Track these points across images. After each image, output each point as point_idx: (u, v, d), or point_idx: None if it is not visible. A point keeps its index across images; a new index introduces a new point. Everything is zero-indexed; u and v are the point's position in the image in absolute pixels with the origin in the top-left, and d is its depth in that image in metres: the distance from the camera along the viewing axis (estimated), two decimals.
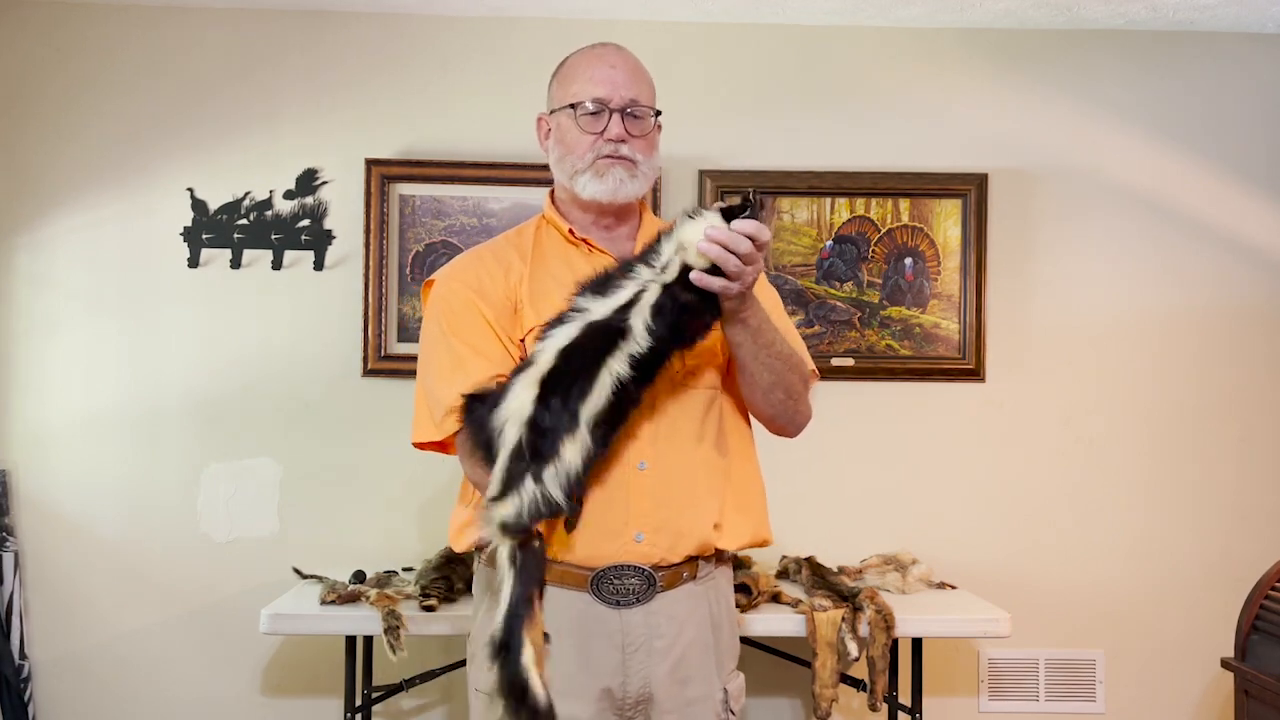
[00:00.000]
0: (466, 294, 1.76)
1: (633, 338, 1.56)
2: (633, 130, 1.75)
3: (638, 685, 1.71)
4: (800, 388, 1.80)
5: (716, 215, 1.55)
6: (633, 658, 1.71)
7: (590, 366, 1.56)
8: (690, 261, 1.54)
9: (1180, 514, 3.20)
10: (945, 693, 3.16)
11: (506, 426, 1.56)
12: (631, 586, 1.70)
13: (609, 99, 1.74)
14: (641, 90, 1.78)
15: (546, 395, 1.55)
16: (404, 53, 3.15)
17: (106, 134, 3.11)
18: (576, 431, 1.55)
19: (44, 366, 3.09)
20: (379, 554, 3.06)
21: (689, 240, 1.54)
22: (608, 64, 1.77)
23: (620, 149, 1.74)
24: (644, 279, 1.58)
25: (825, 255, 3.17)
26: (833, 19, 3.17)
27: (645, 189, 1.80)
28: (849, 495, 3.17)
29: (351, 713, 2.66)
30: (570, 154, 1.77)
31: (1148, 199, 3.21)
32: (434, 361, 1.76)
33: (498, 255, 1.81)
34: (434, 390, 1.73)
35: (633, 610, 1.70)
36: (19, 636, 3.02)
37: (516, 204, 3.08)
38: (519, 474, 1.55)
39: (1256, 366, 3.21)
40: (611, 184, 1.75)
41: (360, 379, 3.12)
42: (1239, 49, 3.22)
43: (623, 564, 1.69)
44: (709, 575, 1.78)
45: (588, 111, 1.75)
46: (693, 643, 1.74)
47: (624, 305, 1.57)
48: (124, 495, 3.10)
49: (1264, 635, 2.63)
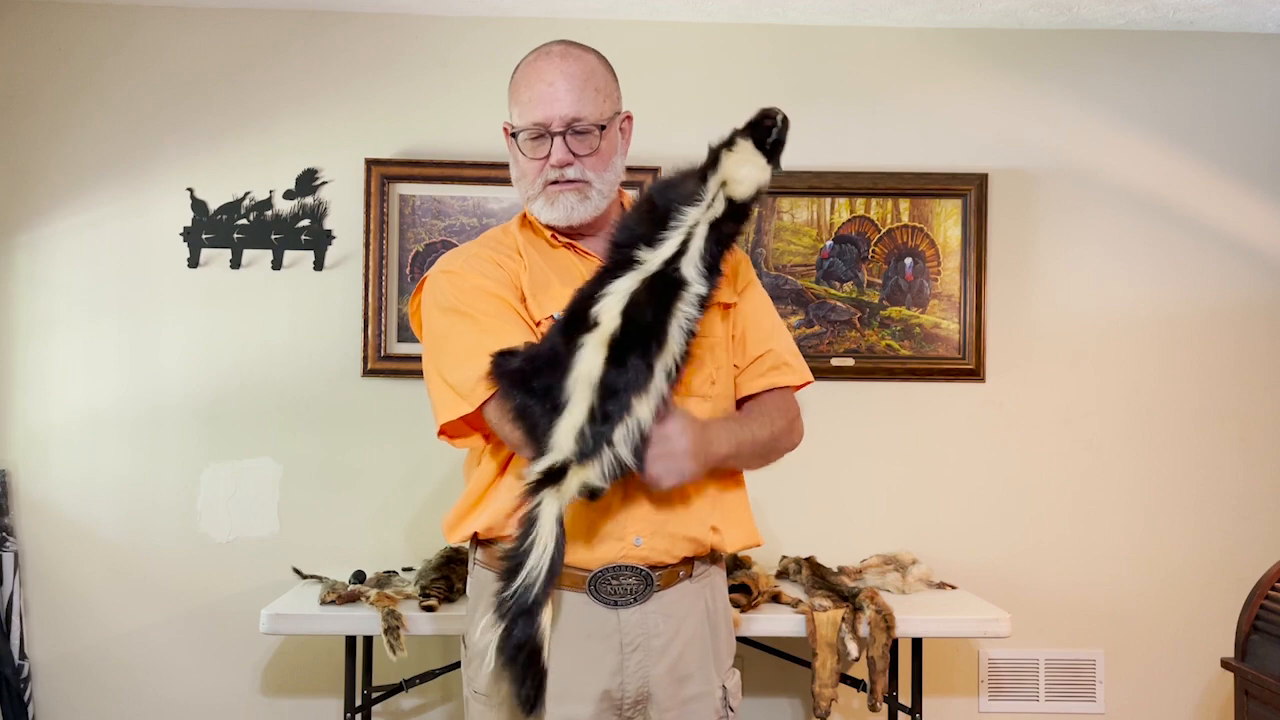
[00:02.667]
0: (474, 278, 1.72)
1: (692, 287, 1.58)
2: (578, 149, 1.69)
3: (636, 684, 1.71)
4: (770, 450, 1.78)
5: (749, 146, 1.60)
6: (630, 657, 1.70)
7: (658, 320, 1.57)
8: (735, 195, 1.59)
9: (1180, 514, 3.20)
10: (945, 693, 3.16)
11: (576, 388, 1.54)
12: (629, 586, 1.69)
13: (548, 122, 1.68)
14: (584, 104, 1.69)
15: (619, 355, 1.55)
16: (404, 53, 3.15)
17: (106, 134, 3.11)
18: (651, 385, 1.56)
19: (44, 366, 3.09)
20: (379, 554, 3.06)
21: (732, 174, 1.58)
22: (545, 81, 1.69)
23: (566, 173, 1.70)
24: (691, 220, 1.60)
25: (825, 255, 3.17)
26: (833, 19, 3.17)
27: (603, 205, 1.74)
28: (849, 495, 3.17)
29: (351, 713, 2.66)
30: (523, 178, 1.75)
31: (1148, 199, 3.21)
32: (452, 340, 1.69)
33: (497, 248, 1.78)
34: (458, 367, 1.67)
35: (630, 610, 1.70)
36: (19, 636, 3.02)
37: (516, 204, 3.06)
38: (597, 437, 1.54)
39: (1256, 366, 3.21)
40: (563, 211, 1.72)
41: (360, 379, 3.12)
42: (1239, 49, 3.22)
43: (620, 564, 1.69)
44: (705, 573, 1.78)
45: (529, 138, 1.71)
46: (690, 640, 1.74)
47: (674, 255, 1.59)
48: (124, 495, 3.10)
49: (1264, 635, 2.63)
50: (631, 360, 1.55)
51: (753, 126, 1.64)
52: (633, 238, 1.62)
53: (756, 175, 1.61)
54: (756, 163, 1.62)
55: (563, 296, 1.68)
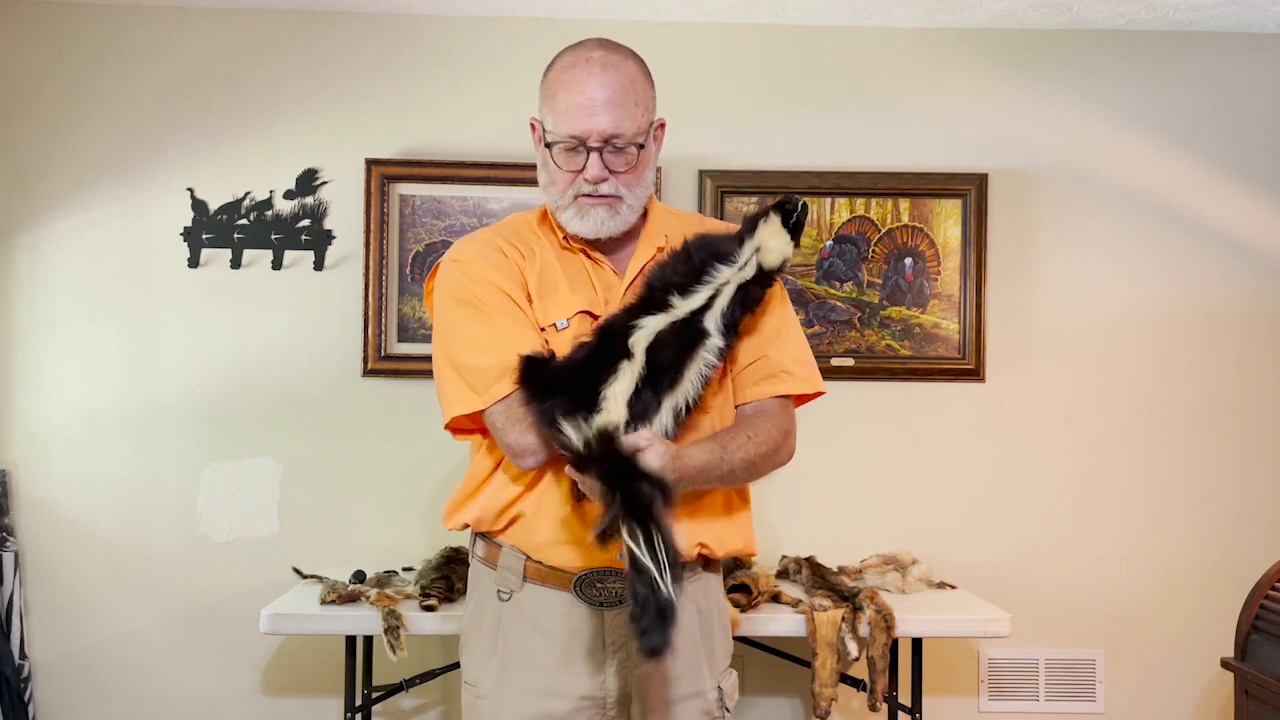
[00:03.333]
0: (483, 268, 1.71)
1: (711, 339, 1.65)
2: (614, 166, 1.67)
3: (618, 684, 1.71)
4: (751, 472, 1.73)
5: (779, 221, 1.72)
6: (613, 657, 1.70)
7: (677, 361, 1.63)
8: (765, 262, 1.69)
9: (1180, 514, 3.20)
10: (945, 693, 3.16)
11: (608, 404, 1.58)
12: (615, 589, 1.69)
13: (585, 136, 1.65)
14: (623, 120, 1.65)
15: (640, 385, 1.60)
16: (404, 53, 3.15)
17: (106, 133, 3.11)
18: (656, 420, 1.61)
19: (44, 366, 3.09)
20: (379, 554, 3.06)
21: (766, 243, 1.70)
22: (584, 94, 1.65)
23: (600, 188, 1.67)
24: (723, 278, 1.67)
25: (825, 255, 3.17)
26: (833, 19, 3.17)
27: (633, 218, 1.73)
28: (849, 495, 3.17)
29: (351, 713, 2.66)
30: (552, 185, 1.72)
31: (1148, 199, 3.21)
32: (466, 332, 1.69)
33: (507, 242, 1.76)
34: (473, 360, 1.66)
35: (615, 610, 1.70)
36: (19, 636, 3.02)
37: (516, 204, 3.08)
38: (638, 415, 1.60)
39: (1256, 366, 3.21)
40: (593, 224, 1.70)
41: (360, 379, 3.12)
42: (1239, 49, 3.22)
43: (608, 569, 1.68)
44: (695, 577, 1.76)
45: (564, 149, 1.67)
46: (679, 642, 1.70)
47: (702, 307, 1.66)
48: (124, 495, 3.10)
49: (1264, 635, 2.63)
50: (645, 393, 1.60)
51: (779, 205, 1.73)
52: (666, 284, 1.67)
53: (783, 248, 1.71)
54: (784, 237, 1.71)
55: (569, 303, 1.70)
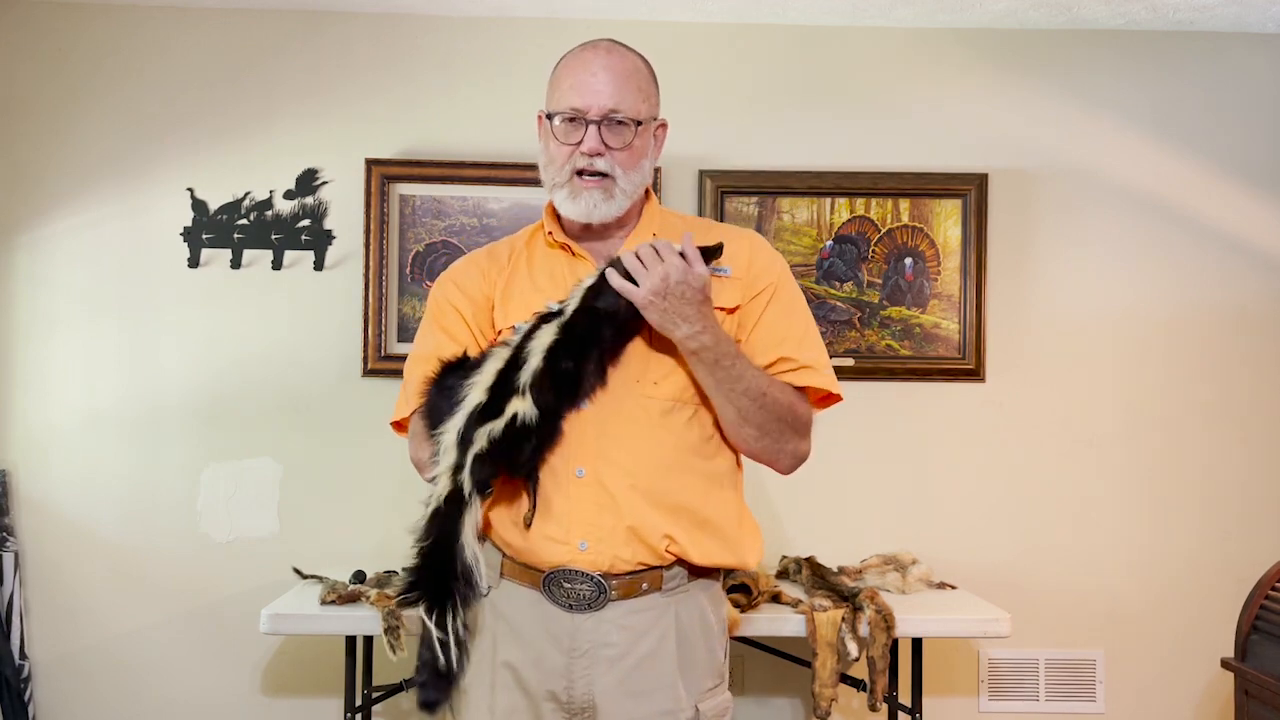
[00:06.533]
0: (453, 289, 1.82)
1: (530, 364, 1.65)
2: (612, 141, 1.69)
3: (582, 691, 1.68)
4: (778, 427, 1.71)
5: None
6: (577, 663, 1.68)
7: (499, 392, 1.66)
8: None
9: (1180, 514, 3.20)
10: (945, 693, 3.16)
11: (444, 446, 1.67)
12: (582, 593, 1.67)
13: (586, 109, 1.68)
14: (625, 98, 1.69)
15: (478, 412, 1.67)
16: (404, 53, 3.15)
17: (106, 133, 3.11)
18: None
19: (44, 366, 3.09)
20: (379, 554, 3.06)
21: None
22: (590, 71, 1.69)
23: (595, 163, 1.69)
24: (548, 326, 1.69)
25: (825, 255, 3.17)
26: (833, 19, 3.17)
27: (625, 206, 1.74)
28: (849, 495, 3.17)
29: (351, 713, 2.66)
30: (551, 164, 1.74)
31: (1148, 199, 3.21)
32: (416, 346, 1.86)
33: (493, 254, 1.85)
34: (410, 372, 1.82)
35: (585, 615, 1.67)
36: (19, 636, 3.02)
37: (516, 204, 3.08)
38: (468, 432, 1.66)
39: (1256, 367, 3.21)
40: (585, 207, 1.71)
41: (360, 379, 3.12)
42: (1239, 49, 3.22)
43: (572, 569, 1.67)
44: (679, 587, 1.71)
45: (565, 119, 1.70)
46: (650, 656, 1.68)
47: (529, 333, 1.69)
48: (124, 495, 3.10)
49: (1264, 635, 2.63)
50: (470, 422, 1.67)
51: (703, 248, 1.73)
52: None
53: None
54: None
55: (530, 304, 1.73)
